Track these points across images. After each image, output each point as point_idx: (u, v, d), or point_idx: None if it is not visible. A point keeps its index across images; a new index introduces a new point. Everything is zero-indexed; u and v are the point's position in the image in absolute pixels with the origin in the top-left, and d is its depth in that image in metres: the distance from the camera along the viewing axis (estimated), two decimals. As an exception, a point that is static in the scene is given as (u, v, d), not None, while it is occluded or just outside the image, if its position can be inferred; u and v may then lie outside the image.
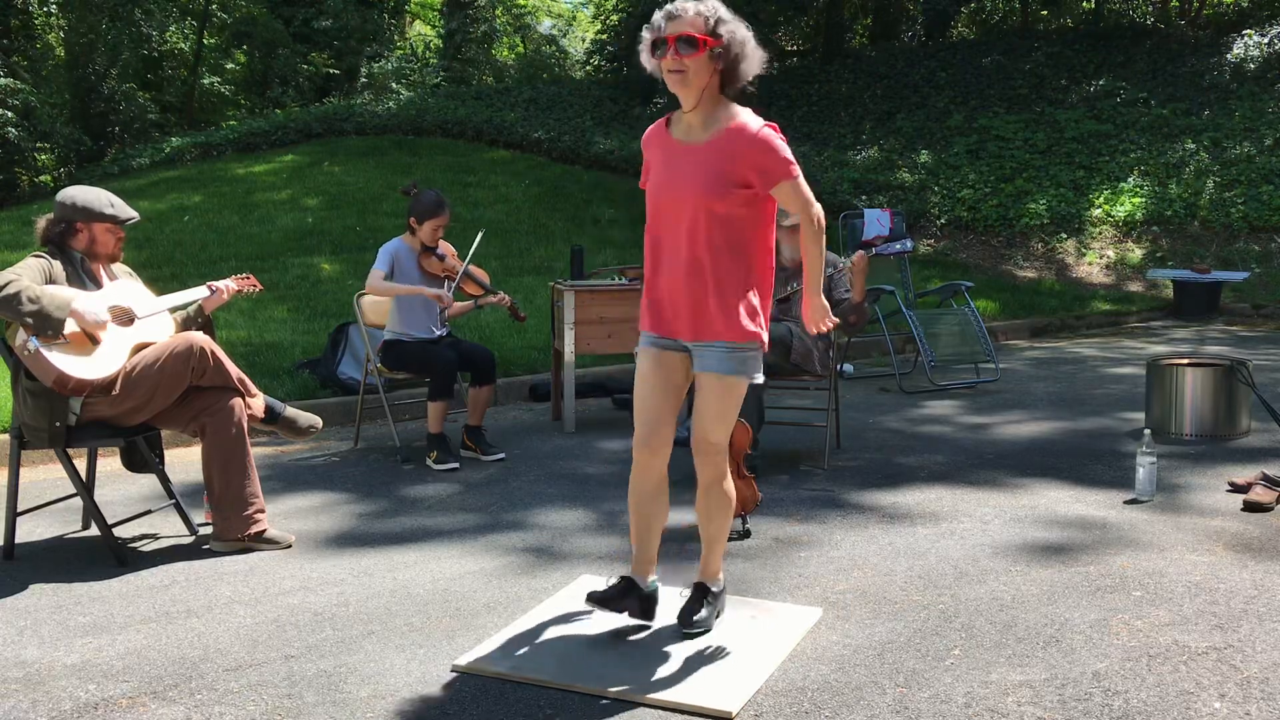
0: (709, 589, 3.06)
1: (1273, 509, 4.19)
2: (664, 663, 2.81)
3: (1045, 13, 21.75)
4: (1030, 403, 6.64)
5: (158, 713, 2.58)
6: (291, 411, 4.05)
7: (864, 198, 13.94)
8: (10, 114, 16.43)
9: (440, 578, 3.52)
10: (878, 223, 8.28)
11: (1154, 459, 4.37)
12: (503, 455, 5.25)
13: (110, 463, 4.90)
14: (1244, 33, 17.28)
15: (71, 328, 3.56)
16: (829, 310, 3.00)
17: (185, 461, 5.14)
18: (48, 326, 3.48)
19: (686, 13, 2.69)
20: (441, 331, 5.37)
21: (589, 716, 2.54)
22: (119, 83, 18.64)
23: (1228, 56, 16.82)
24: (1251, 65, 16.42)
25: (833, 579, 3.46)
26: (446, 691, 2.67)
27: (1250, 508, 4.19)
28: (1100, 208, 13.70)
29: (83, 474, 3.98)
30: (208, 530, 3.97)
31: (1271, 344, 9.22)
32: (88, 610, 3.26)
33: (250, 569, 3.64)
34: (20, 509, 3.88)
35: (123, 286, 3.87)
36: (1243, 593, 3.28)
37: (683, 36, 2.67)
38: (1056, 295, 11.56)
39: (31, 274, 3.58)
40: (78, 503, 4.19)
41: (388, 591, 3.40)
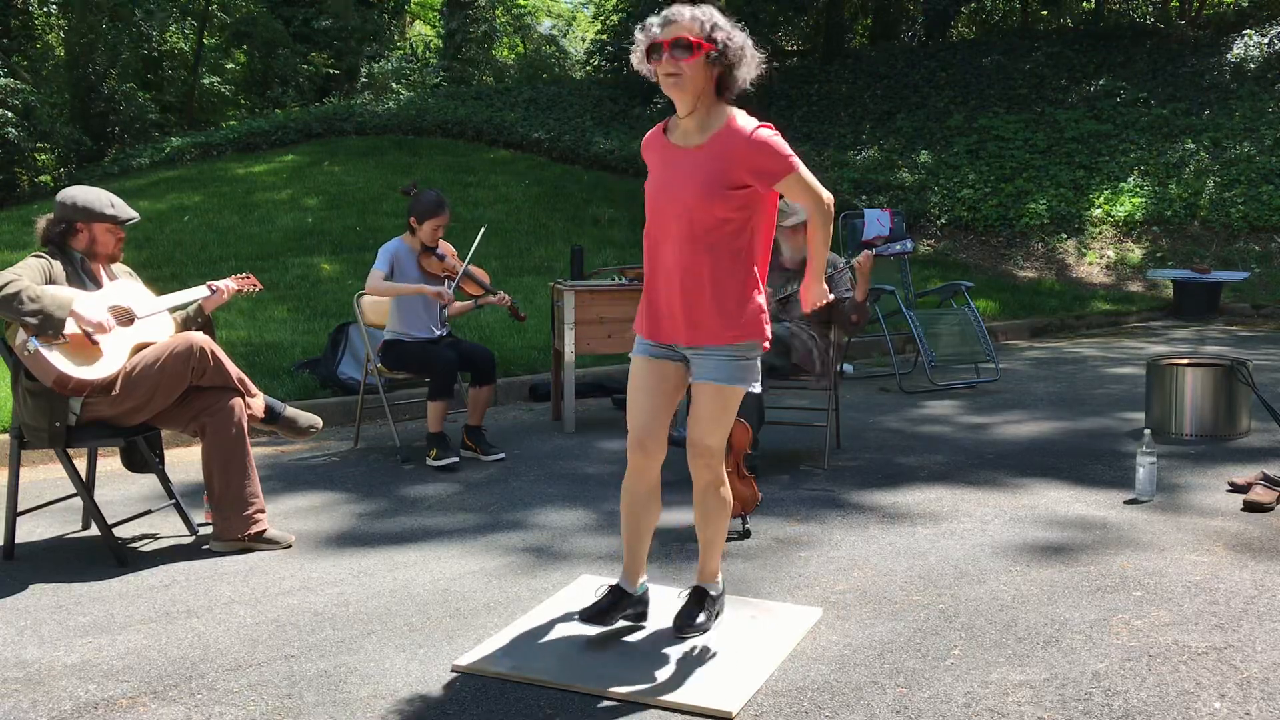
0: (707, 592, 3.06)
1: (1273, 509, 4.19)
2: (664, 663, 2.81)
3: (1045, 13, 21.75)
4: (1030, 403, 6.64)
5: (158, 713, 2.58)
6: (291, 411, 4.05)
7: (864, 198, 13.94)
8: (10, 114, 16.44)
9: (440, 578, 3.52)
10: (878, 223, 8.29)
11: (1154, 459, 4.37)
12: (503, 455, 5.25)
13: (110, 463, 4.90)
14: (1244, 33, 17.29)
15: (72, 328, 3.56)
16: (827, 293, 2.98)
17: (185, 461, 5.14)
18: (48, 326, 3.48)
19: (682, 17, 2.67)
20: (441, 331, 5.37)
21: (589, 717, 2.54)
22: (119, 83, 18.64)
23: (1228, 56, 16.83)
24: (1251, 65, 16.42)
25: (833, 579, 3.46)
26: (446, 691, 2.68)
27: (1250, 508, 4.19)
28: (1100, 208, 13.70)
29: (83, 474, 3.98)
30: (208, 530, 3.97)
31: (1271, 344, 9.22)
32: (88, 610, 3.26)
33: (250, 569, 3.64)
34: (20, 509, 3.89)
35: (123, 286, 3.87)
36: (1243, 593, 3.28)
37: (678, 41, 2.66)
38: (1056, 295, 11.56)
39: (32, 274, 3.58)
40: (78, 503, 4.19)
41: (388, 591, 3.40)
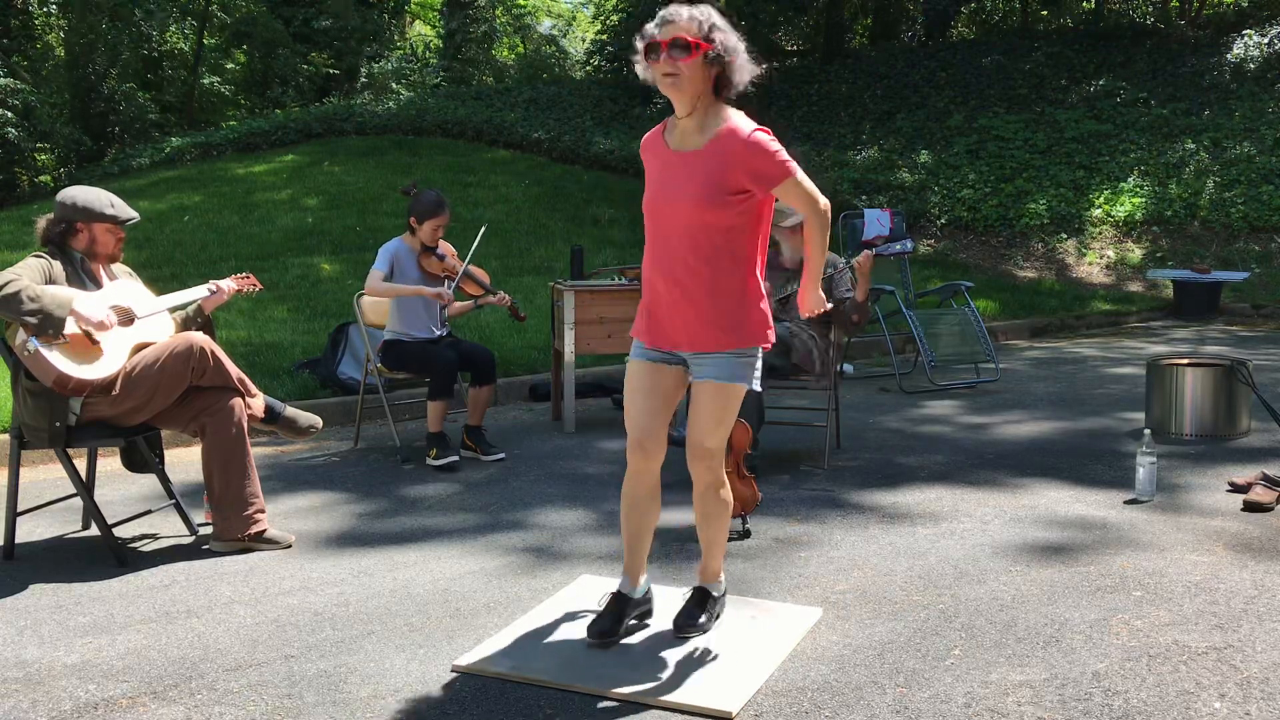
0: (709, 593, 3.06)
1: (1273, 509, 4.19)
2: (664, 663, 2.81)
3: (1045, 13, 21.75)
4: (1030, 403, 6.64)
5: (158, 713, 2.58)
6: (291, 411, 4.05)
7: (864, 198, 13.94)
8: (10, 114, 16.43)
9: (440, 578, 3.52)
10: (878, 223, 8.29)
11: (1154, 459, 4.37)
12: (503, 455, 5.25)
13: (110, 463, 4.90)
14: (1244, 33, 17.28)
15: (71, 328, 3.56)
16: (824, 300, 3.01)
17: (185, 461, 5.14)
18: (48, 326, 3.48)
19: (680, 17, 2.67)
20: (441, 331, 5.36)
21: (589, 717, 2.54)
22: (119, 83, 18.64)
23: (1228, 56, 16.82)
24: (1251, 65, 16.42)
25: (833, 579, 3.46)
26: (446, 691, 2.68)
27: (1250, 508, 4.19)
28: (1100, 208, 13.70)
29: (83, 474, 3.98)
30: (208, 530, 3.97)
31: (1271, 344, 9.22)
32: (88, 610, 3.26)
33: (250, 569, 3.64)
34: (20, 509, 3.89)
35: (123, 286, 3.87)
36: (1243, 593, 3.28)
37: (676, 41, 2.65)
38: (1056, 295, 11.56)
39: (31, 274, 3.58)
40: (78, 503, 4.19)
41: (388, 591, 3.40)
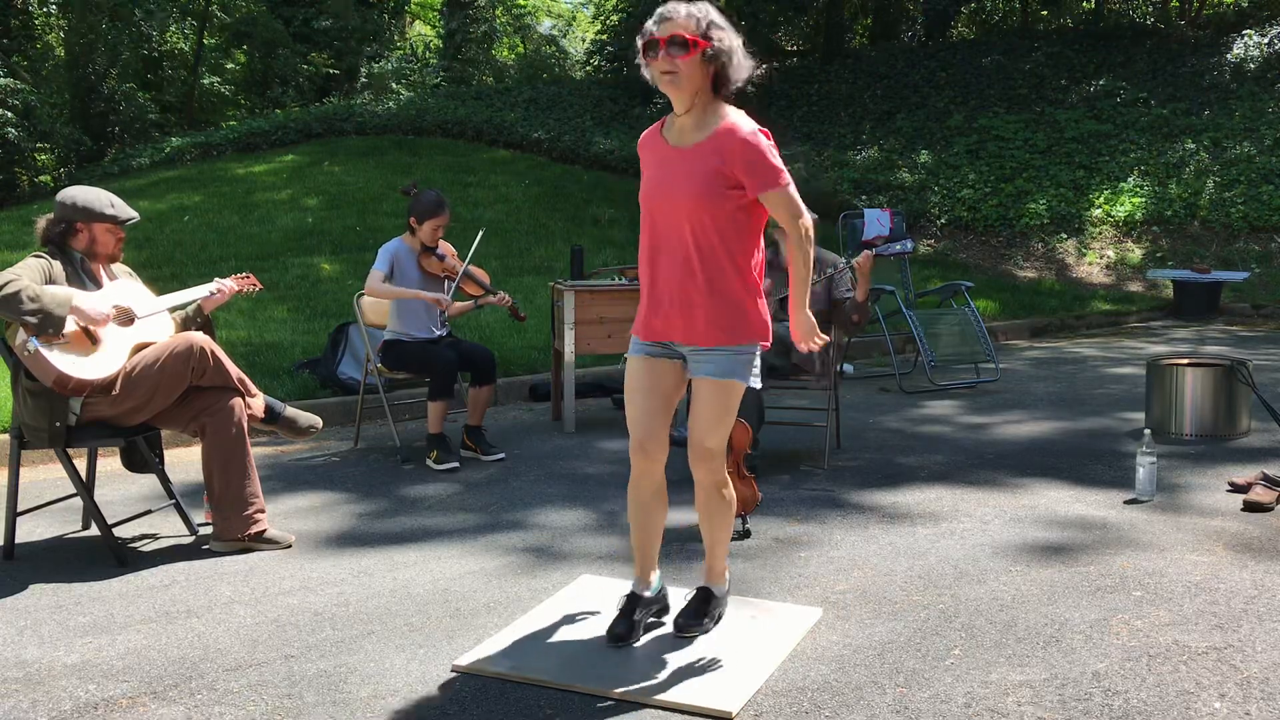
0: (712, 592, 3.07)
1: (1273, 509, 4.19)
2: (664, 663, 2.81)
3: (1045, 13, 21.75)
4: (1030, 403, 6.64)
5: (158, 713, 2.58)
6: (291, 411, 4.05)
7: (864, 198, 13.95)
8: (10, 114, 16.43)
9: (440, 578, 3.52)
10: (878, 223, 8.29)
11: (1154, 459, 4.37)
12: (503, 455, 5.25)
13: (110, 463, 4.90)
14: (1244, 33, 17.28)
15: (72, 326, 3.56)
16: (816, 326, 2.96)
17: (185, 461, 5.14)
18: (49, 325, 3.48)
19: (678, 15, 2.68)
20: (441, 331, 5.36)
21: (589, 717, 2.54)
22: (119, 83, 18.64)
23: (1228, 56, 16.82)
24: (1251, 65, 16.42)
25: (833, 579, 3.46)
26: (446, 691, 2.68)
27: (1250, 508, 4.19)
28: (1100, 208, 13.70)
29: (83, 474, 3.98)
30: (208, 530, 3.97)
31: (1271, 344, 9.22)
32: (88, 610, 3.26)
33: (250, 569, 3.64)
34: (20, 509, 3.89)
35: (123, 286, 3.87)
36: (1243, 593, 3.28)
37: (674, 38, 2.66)
38: (1056, 295, 11.56)
39: (31, 274, 3.58)
40: (78, 503, 4.19)
41: (388, 591, 3.40)
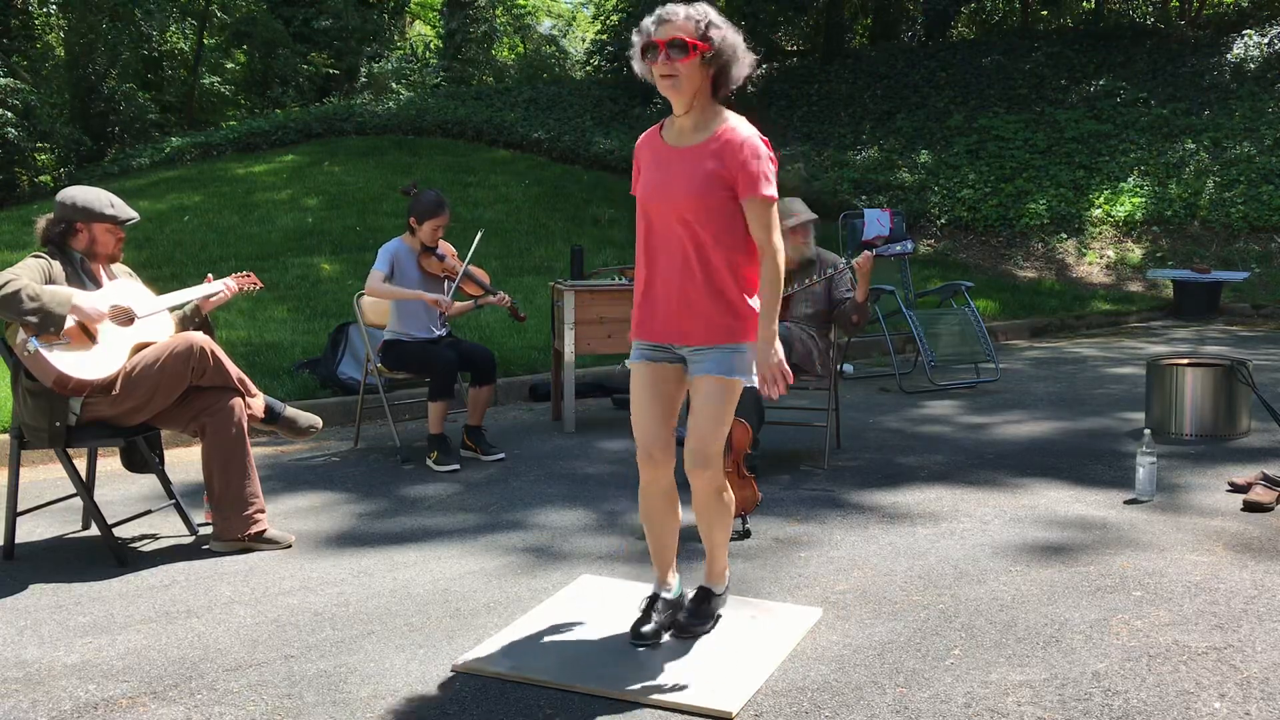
0: (712, 592, 3.07)
1: (1273, 509, 4.19)
2: (664, 663, 2.81)
3: (1045, 13, 21.75)
4: (1030, 403, 6.64)
5: (158, 713, 2.58)
6: (291, 411, 4.05)
7: (864, 198, 13.94)
8: (10, 114, 16.43)
9: (440, 578, 3.52)
10: (878, 223, 8.29)
11: (1154, 459, 4.37)
12: (503, 455, 5.25)
13: (110, 463, 4.90)
14: (1244, 33, 17.28)
15: (71, 325, 3.56)
16: (784, 364, 2.75)
17: (185, 461, 5.14)
18: (49, 324, 3.48)
19: (677, 17, 2.67)
20: (441, 331, 5.36)
21: (589, 716, 2.54)
22: (119, 83, 18.64)
23: (1228, 56, 16.82)
24: (1251, 65, 16.42)
25: (833, 579, 3.46)
26: (446, 691, 2.68)
27: (1250, 508, 4.19)
28: (1100, 208, 13.70)
29: (83, 474, 3.98)
30: (208, 530, 3.97)
31: (1271, 344, 9.22)
32: (88, 610, 3.26)
33: (250, 569, 3.64)
34: (20, 509, 3.89)
35: (122, 286, 3.87)
36: (1243, 593, 3.28)
37: (674, 41, 2.65)
38: (1056, 295, 11.56)
39: (31, 274, 3.58)
40: (78, 503, 4.19)
41: (388, 591, 3.40)
